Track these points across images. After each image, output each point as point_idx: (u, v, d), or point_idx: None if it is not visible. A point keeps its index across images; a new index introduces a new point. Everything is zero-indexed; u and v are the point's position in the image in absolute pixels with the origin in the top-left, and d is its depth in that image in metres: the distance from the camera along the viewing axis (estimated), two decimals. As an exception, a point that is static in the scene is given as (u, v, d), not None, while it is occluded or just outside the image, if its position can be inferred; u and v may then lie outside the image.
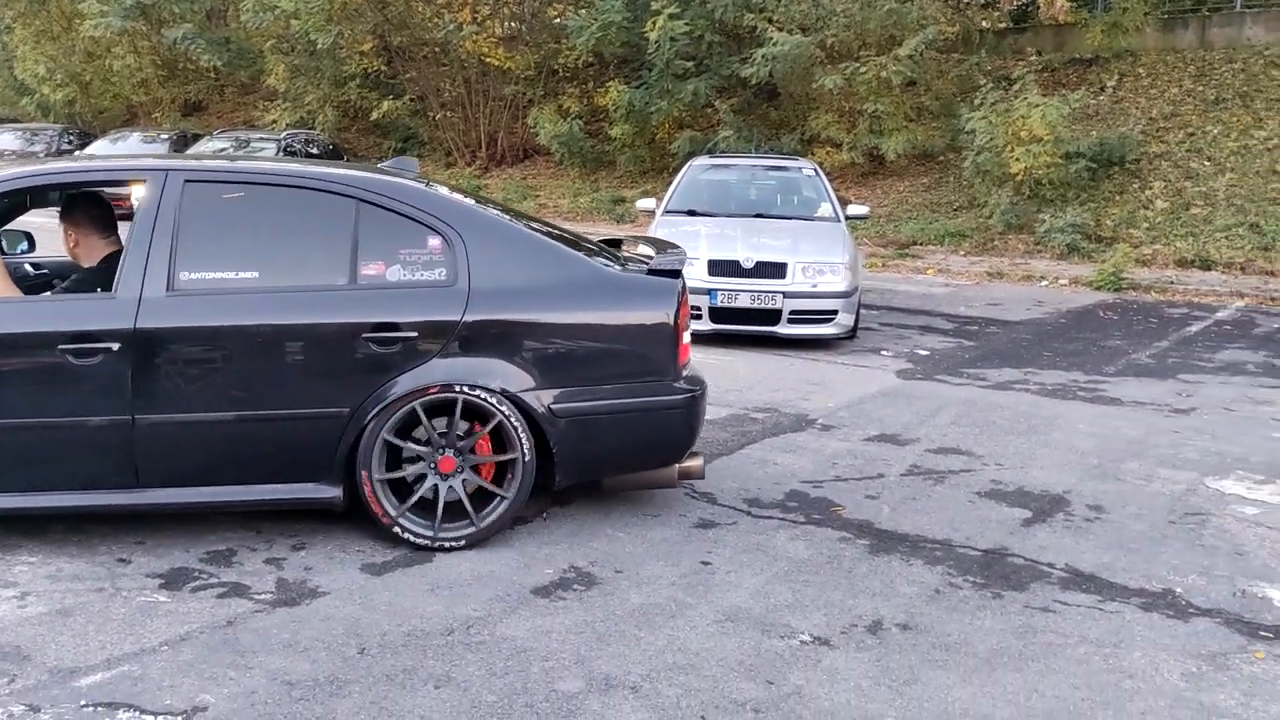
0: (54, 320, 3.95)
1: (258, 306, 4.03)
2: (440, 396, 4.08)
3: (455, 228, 4.20)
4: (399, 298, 4.11)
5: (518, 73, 19.92)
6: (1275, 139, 14.94)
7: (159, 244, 3.97)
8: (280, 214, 4.22)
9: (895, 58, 15.29)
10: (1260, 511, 4.86)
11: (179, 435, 3.97)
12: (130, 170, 4.49)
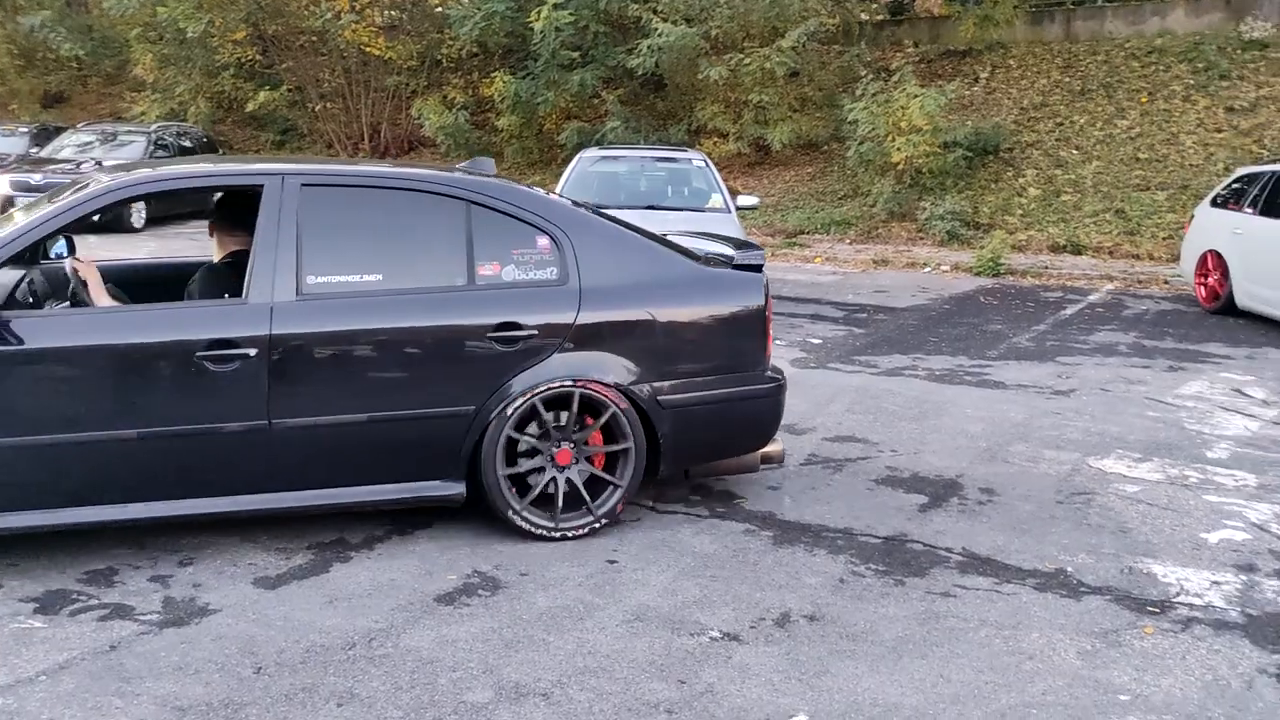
0: (192, 327, 3.91)
1: (385, 309, 4.11)
2: (558, 392, 4.20)
3: (561, 227, 4.35)
4: (517, 297, 4.25)
5: (400, 63, 19.53)
6: (1137, 128, 15.62)
7: (284, 248, 3.99)
8: (396, 216, 4.28)
9: (778, 49, 15.48)
10: (1140, 489, 5.05)
11: (313, 438, 4.01)
12: (247, 174, 4.35)
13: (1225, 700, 3.17)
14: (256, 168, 4.29)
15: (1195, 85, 15.96)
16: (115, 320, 3.94)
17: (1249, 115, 15.06)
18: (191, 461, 3.91)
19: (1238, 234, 9.64)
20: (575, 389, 4.21)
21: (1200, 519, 4.66)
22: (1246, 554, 4.29)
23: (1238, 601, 3.86)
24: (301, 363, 3.96)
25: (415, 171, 4.55)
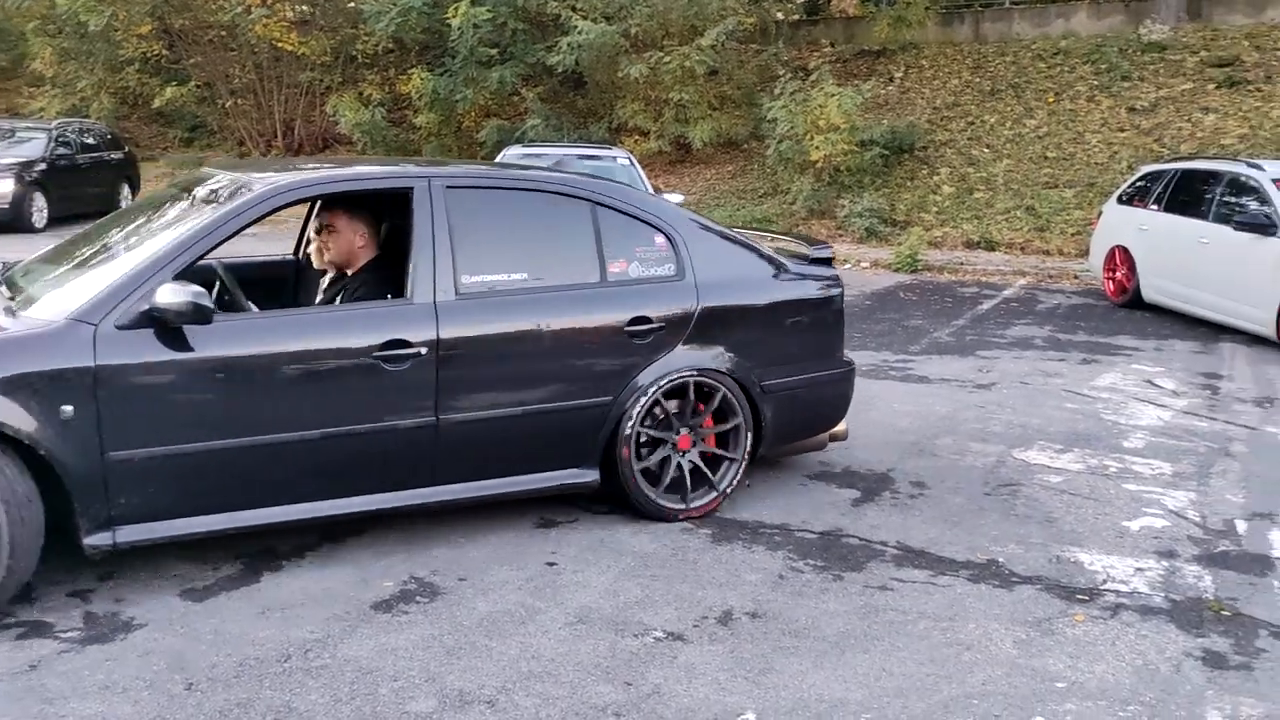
0: (367, 329, 3.96)
1: (534, 306, 4.28)
2: (681, 380, 4.48)
3: (673, 226, 4.68)
4: (645, 293, 4.51)
5: (313, 59, 19.15)
6: (1045, 127, 16.04)
7: (441, 249, 4.12)
8: (533, 217, 4.48)
9: (698, 47, 15.55)
10: (1063, 479, 5.18)
11: (474, 432, 4.15)
12: (394, 177, 4.45)
13: (1155, 684, 3.26)
14: (405, 171, 4.46)
15: (1099, 86, 16.46)
16: (302, 323, 4.02)
17: (1150, 115, 15.58)
18: (369, 459, 4.00)
19: (1143, 230, 9.96)
20: (696, 378, 4.51)
21: (1121, 507, 4.80)
22: (1167, 540, 4.43)
23: (1161, 587, 3.98)
24: (464, 359, 4.10)
25: (544, 174, 4.84)
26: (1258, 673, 3.35)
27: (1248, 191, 8.79)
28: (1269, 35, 16.42)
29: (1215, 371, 7.60)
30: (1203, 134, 14.85)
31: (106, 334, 3.51)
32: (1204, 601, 3.85)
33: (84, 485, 3.47)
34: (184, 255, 3.75)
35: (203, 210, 4.01)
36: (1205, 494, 5.01)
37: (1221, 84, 15.66)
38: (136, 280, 3.62)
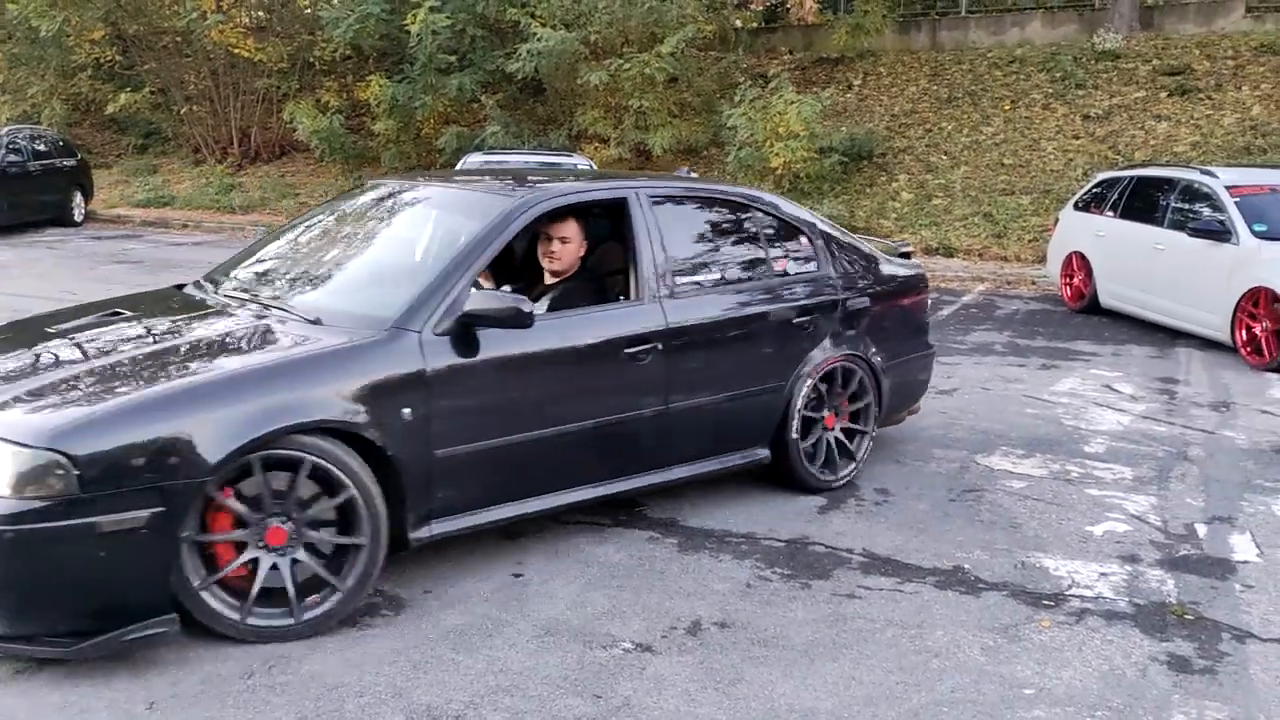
0: (619, 327, 4.33)
1: (730, 302, 4.76)
2: (833, 365, 5.04)
3: (810, 227, 5.26)
4: (805, 287, 5.05)
5: (270, 65, 18.93)
6: (1001, 135, 16.23)
7: (657, 254, 4.53)
8: (713, 223, 5.02)
9: (657, 54, 15.56)
10: (1026, 485, 5.22)
11: (692, 418, 4.56)
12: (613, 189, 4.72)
13: (1122, 689, 3.29)
14: (618, 183, 4.80)
15: (1054, 94, 16.68)
16: (579, 322, 4.31)
17: (1104, 122, 15.81)
18: (624, 445, 4.39)
19: (1100, 236, 10.10)
20: (843, 363, 5.07)
21: (1084, 512, 4.85)
22: (1129, 545, 4.47)
23: (1125, 592, 4.01)
24: (684, 352, 4.49)
25: (714, 183, 5.52)
26: (1221, 676, 3.38)
27: (1201, 198, 8.94)
28: (1219, 44, 16.74)
29: (1172, 376, 7.71)
30: (1156, 141, 15.10)
31: (429, 340, 3.76)
32: (1167, 606, 3.89)
33: (416, 484, 3.71)
34: (476, 265, 4.02)
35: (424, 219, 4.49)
36: (1165, 498, 5.07)
37: (1173, 92, 15.93)
38: (439, 290, 3.87)
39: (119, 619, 3.18)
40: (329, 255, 4.67)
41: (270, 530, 3.42)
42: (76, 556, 3.10)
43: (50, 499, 3.07)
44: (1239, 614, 3.83)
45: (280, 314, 4.00)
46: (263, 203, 18.00)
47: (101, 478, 3.11)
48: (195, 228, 16.95)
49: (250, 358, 3.63)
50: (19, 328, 4.49)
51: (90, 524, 3.08)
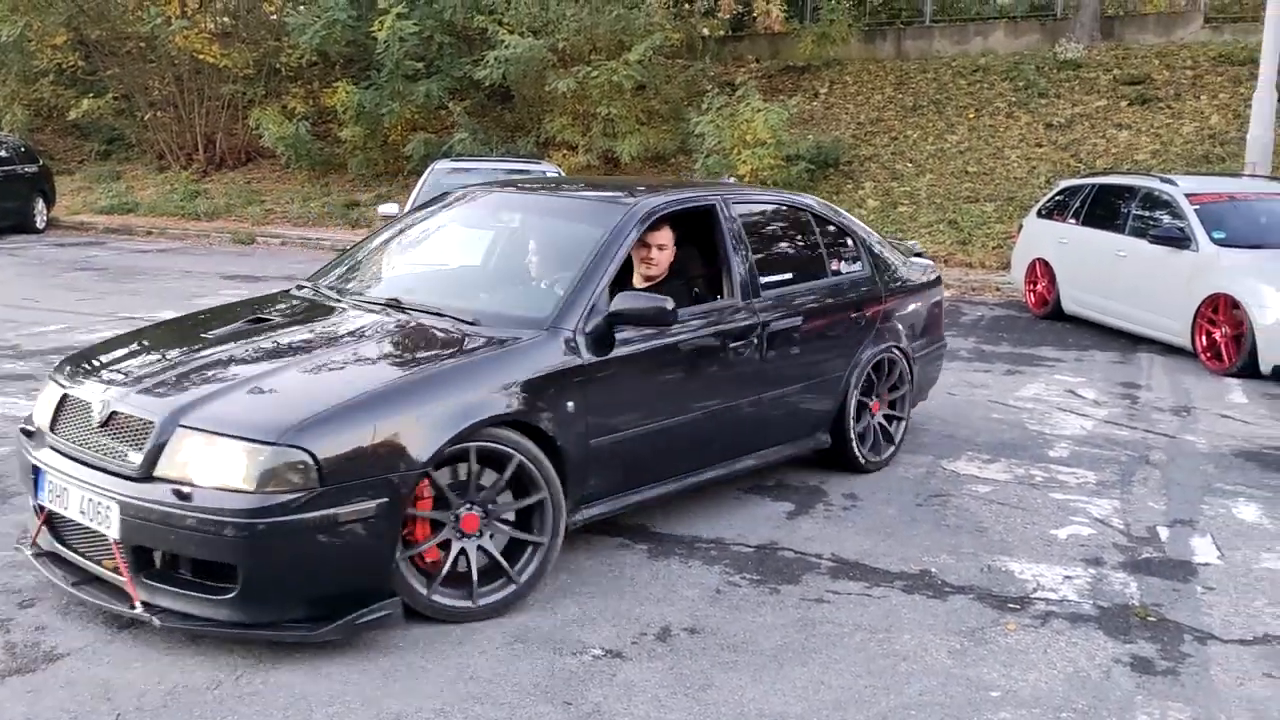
0: (727, 322, 4.70)
1: (805, 300, 5.17)
2: (881, 356, 5.52)
3: (853, 228, 5.75)
4: (855, 285, 5.51)
5: (235, 71, 18.82)
6: (966, 143, 16.41)
7: (743, 255, 4.88)
8: (781, 226, 5.46)
9: (625, 62, 15.61)
10: (992, 489, 5.28)
11: (779, 405, 4.98)
12: (704, 197, 5.02)
13: (1087, 691, 3.33)
14: (705, 192, 5.11)
15: (1017, 102, 16.89)
16: (701, 318, 4.61)
17: (1066, 131, 16.02)
18: (727, 433, 4.76)
19: (1062, 243, 10.23)
20: (888, 354, 5.58)
21: (1049, 516, 4.90)
22: (1093, 548, 4.53)
23: (1089, 594, 4.06)
24: (772, 346, 4.87)
25: (775, 191, 5.90)
26: (1184, 677, 3.43)
27: (1162, 206, 9.08)
28: (1177, 54, 17.01)
29: (1134, 381, 7.82)
30: (1117, 149, 15.31)
31: (581, 338, 4.04)
32: (1130, 608, 3.94)
33: (577, 473, 3.97)
34: (610, 268, 4.29)
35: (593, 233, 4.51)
36: (1128, 502, 5.14)
37: (1133, 101, 16.17)
38: (584, 292, 4.15)
39: (350, 604, 3.41)
40: (452, 260, 5.08)
41: (465, 517, 3.66)
42: (317, 546, 3.31)
43: (295, 492, 3.27)
44: (1200, 615, 3.89)
45: (432, 317, 4.20)
46: (228, 209, 17.86)
47: (338, 471, 3.32)
48: (159, 235, 16.79)
49: (443, 358, 3.85)
50: (171, 330, 4.68)
51: (330, 515, 3.30)
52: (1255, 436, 6.35)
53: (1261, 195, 9.23)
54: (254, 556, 3.26)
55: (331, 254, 14.96)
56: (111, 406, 3.58)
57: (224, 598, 3.32)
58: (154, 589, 3.41)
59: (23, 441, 3.95)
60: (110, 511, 3.39)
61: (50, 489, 3.67)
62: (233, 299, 10.51)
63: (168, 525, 3.29)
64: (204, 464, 3.33)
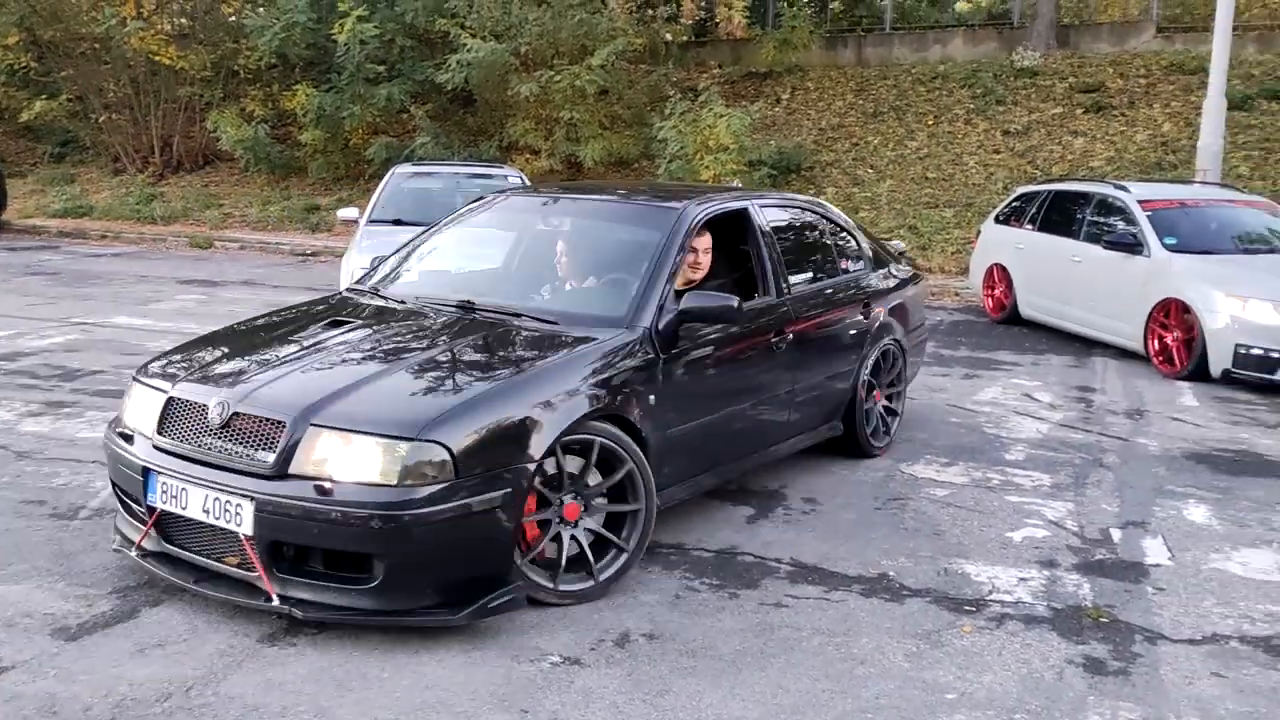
0: (766, 319, 5.00)
1: (826, 297, 5.56)
2: (884, 349, 5.94)
3: (854, 230, 6.22)
4: (862, 282, 5.97)
5: (193, 73, 18.59)
6: (925, 149, 16.56)
7: (776, 256, 5.21)
8: (799, 228, 5.79)
9: (588, 67, 15.61)
10: (949, 493, 5.32)
11: (807, 396, 5.33)
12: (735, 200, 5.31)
13: (1040, 692, 3.36)
14: (738, 196, 5.45)
15: (975, 109, 17.07)
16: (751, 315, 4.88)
17: (1023, 138, 16.22)
18: (769, 421, 5.15)
19: (1019, 249, 10.34)
20: (890, 346, 6.00)
21: (1004, 519, 4.95)
22: (1047, 550, 4.58)
23: (1043, 596, 4.11)
24: (801, 340, 5.17)
25: (796, 196, 6.30)
26: (1134, 677, 3.48)
27: (1115, 212, 9.21)
28: (1131, 63, 17.28)
29: (1089, 385, 7.92)
30: (1073, 156, 15.52)
31: (656, 335, 4.30)
32: (1083, 609, 3.99)
33: (656, 460, 4.18)
34: (671, 268, 4.55)
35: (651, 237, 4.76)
36: (1082, 504, 5.20)
37: (1089, 109, 16.39)
38: (652, 291, 4.41)
39: (478, 590, 3.60)
40: (511, 262, 5.24)
41: (567, 507, 3.87)
42: (452, 536, 3.50)
43: (433, 485, 3.45)
44: (1151, 616, 3.95)
45: (512, 318, 4.41)
46: (185, 213, 17.64)
47: (469, 463, 3.52)
48: (114, 238, 16.54)
49: (545, 356, 4.05)
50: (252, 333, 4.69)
51: (465, 505, 3.49)
52: (1205, 439, 6.45)
53: (1211, 202, 9.39)
54: (397, 547, 3.43)
55: (292, 258, 14.84)
56: (232, 408, 3.68)
57: (365, 587, 3.48)
58: (286, 582, 3.54)
59: (120, 445, 4.01)
60: (242, 509, 3.51)
61: (164, 490, 3.75)
62: (191, 302, 10.44)
63: (310, 520, 3.44)
64: (342, 460, 3.49)
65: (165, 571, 3.81)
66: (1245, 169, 14.25)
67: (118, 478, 4.08)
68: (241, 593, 3.64)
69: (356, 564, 3.51)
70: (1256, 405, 7.33)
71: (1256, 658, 3.64)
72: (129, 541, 3.99)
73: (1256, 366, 7.61)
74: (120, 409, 4.22)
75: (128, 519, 4.08)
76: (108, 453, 4.15)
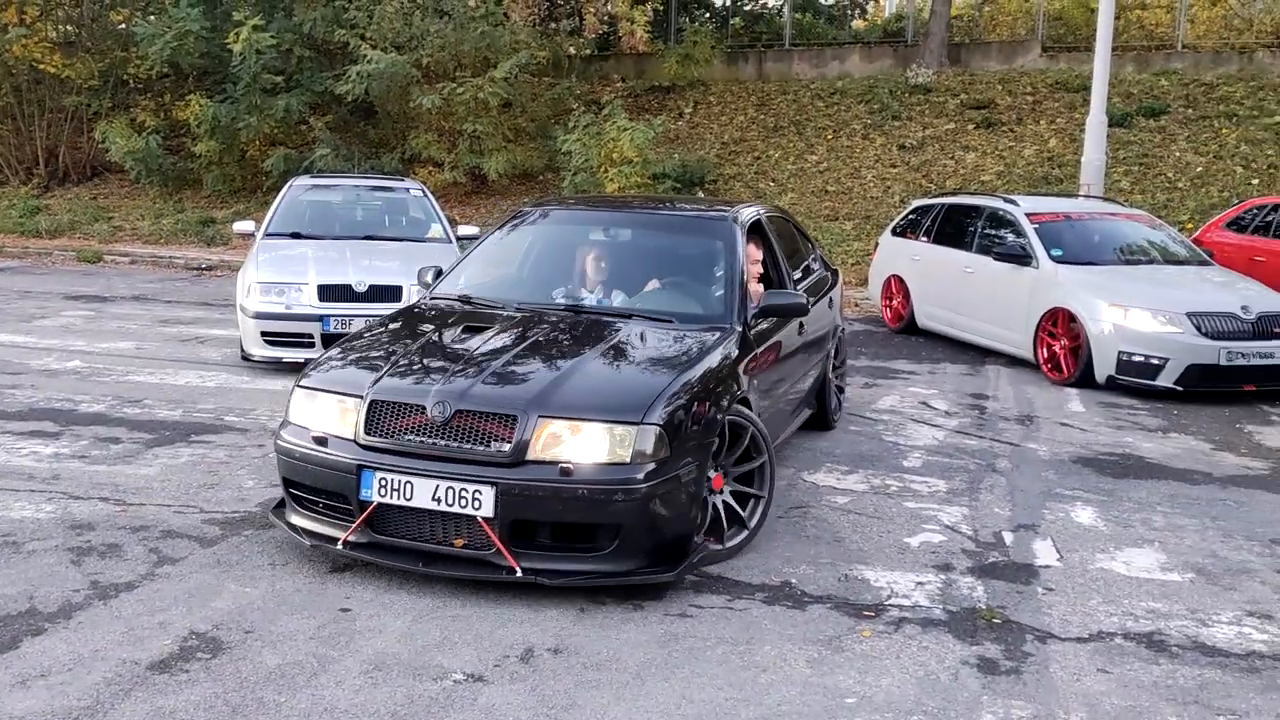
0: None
1: (813, 291, 6.34)
2: (839, 336, 7.02)
3: (807, 234, 7.26)
4: (825, 278, 6.89)
5: (79, 82, 17.99)
6: (825, 163, 16.90)
7: (783, 259, 5.97)
8: (782, 234, 6.25)
9: (491, 79, 15.56)
10: (849, 500, 5.42)
11: (805, 379, 6.13)
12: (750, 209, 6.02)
13: (937, 694, 3.44)
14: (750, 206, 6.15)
15: (872, 124, 17.49)
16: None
17: (918, 152, 16.67)
18: (800, 398, 6.08)
19: (915, 260, 10.61)
20: (843, 334, 7.17)
21: (902, 524, 5.06)
22: (943, 554, 4.70)
23: (940, 599, 4.21)
24: (803, 329, 5.91)
25: (774, 206, 6.97)
26: (1026, 676, 3.59)
27: (1005, 225, 9.52)
28: (1019, 81, 17.90)
29: (982, 392, 8.16)
30: (965, 170, 16.00)
31: (748, 330, 5.03)
32: (977, 611, 4.10)
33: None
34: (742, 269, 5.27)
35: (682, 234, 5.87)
36: (976, 508, 5.35)
37: (979, 125, 16.93)
38: (734, 292, 5.13)
39: (679, 551, 4.18)
40: (605, 267, 5.53)
41: (714, 478, 4.45)
42: (668, 504, 4.07)
43: (656, 460, 4.03)
44: (1041, 616, 4.08)
45: (633, 320, 4.96)
46: (72, 227, 17.02)
47: (676, 440, 4.11)
48: (-4, 253, 15.88)
49: (694, 349, 4.65)
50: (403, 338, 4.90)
51: (677, 475, 4.09)
52: (1092, 443, 6.70)
53: (1095, 215, 9.77)
54: (635, 517, 3.98)
55: (187, 273, 14.44)
56: (454, 407, 4.09)
57: (603, 553, 4.03)
58: (522, 555, 4.00)
59: (312, 448, 4.28)
60: (481, 494, 3.96)
61: (384, 485, 4.07)
62: (78, 319, 10.07)
63: (556, 499, 3.96)
64: (576, 445, 4.02)
65: (384, 559, 4.13)
66: (1126, 183, 14.88)
67: (307, 479, 4.35)
68: (474, 569, 4.04)
69: (584, 535, 4.04)
70: (1139, 410, 7.64)
71: (1139, 653, 3.78)
72: (323, 538, 4.27)
73: (1138, 372, 7.94)
74: (290, 416, 4.48)
75: (315, 516, 4.36)
76: (287, 458, 4.41)
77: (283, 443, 4.45)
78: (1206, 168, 15.03)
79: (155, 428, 6.37)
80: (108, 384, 7.52)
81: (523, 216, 6.09)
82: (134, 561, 4.30)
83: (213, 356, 8.61)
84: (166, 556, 4.36)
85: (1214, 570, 4.61)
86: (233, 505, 5.04)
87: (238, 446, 6.03)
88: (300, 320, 7.87)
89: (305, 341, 7.84)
